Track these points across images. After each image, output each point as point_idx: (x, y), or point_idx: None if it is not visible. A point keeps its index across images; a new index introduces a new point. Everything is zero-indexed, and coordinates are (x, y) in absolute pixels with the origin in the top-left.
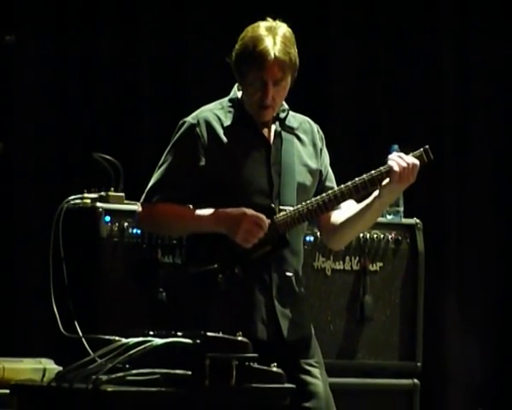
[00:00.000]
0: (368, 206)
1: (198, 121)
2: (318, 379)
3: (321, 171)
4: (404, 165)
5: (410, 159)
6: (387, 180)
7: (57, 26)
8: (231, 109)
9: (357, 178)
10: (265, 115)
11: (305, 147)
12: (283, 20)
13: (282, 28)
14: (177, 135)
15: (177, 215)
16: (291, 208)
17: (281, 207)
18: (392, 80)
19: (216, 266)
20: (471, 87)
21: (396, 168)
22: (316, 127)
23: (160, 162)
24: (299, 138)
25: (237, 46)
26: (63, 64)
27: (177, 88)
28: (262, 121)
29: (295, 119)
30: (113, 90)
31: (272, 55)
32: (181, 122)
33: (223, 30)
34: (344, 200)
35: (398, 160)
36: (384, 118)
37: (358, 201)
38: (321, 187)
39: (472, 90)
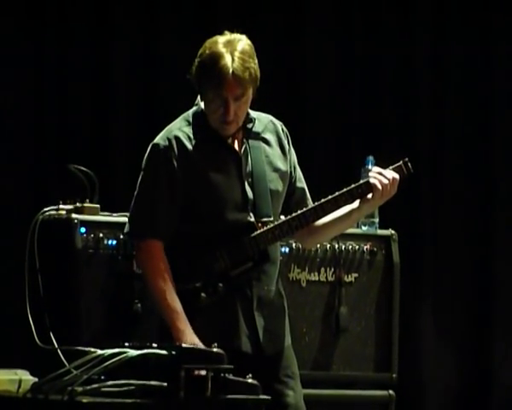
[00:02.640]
0: (346, 215)
1: (169, 142)
2: (293, 391)
3: (291, 172)
4: (386, 182)
5: (390, 173)
6: (369, 195)
7: (32, 36)
8: (197, 124)
9: (337, 192)
10: (229, 130)
11: (272, 149)
12: (260, 26)
13: (241, 42)
14: (151, 160)
15: (162, 298)
16: (270, 220)
17: (259, 220)
18: (367, 86)
19: (198, 284)
20: (448, 95)
21: (379, 186)
22: (279, 125)
23: (137, 192)
24: (266, 141)
25: (196, 62)
26: (38, 75)
27: (152, 99)
28: (225, 135)
29: (260, 121)
30: (88, 102)
31: (231, 73)
32: (152, 145)
33: (199, 38)
34: (324, 214)
35: (379, 177)
36: (360, 127)
37: None
38: (292, 189)
39: (449, 98)
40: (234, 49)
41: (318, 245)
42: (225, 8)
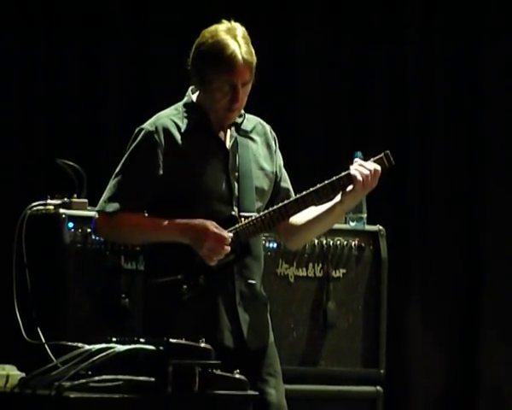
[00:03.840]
0: (329, 210)
1: (156, 128)
2: (275, 389)
3: (276, 172)
4: (367, 173)
5: (372, 165)
6: (350, 187)
7: (22, 29)
8: (187, 114)
9: (318, 185)
10: (233, 118)
11: (259, 149)
12: (248, 24)
13: (239, 29)
14: (135, 143)
15: (137, 225)
16: (253, 215)
17: (241, 214)
18: (356, 85)
19: (180, 276)
20: (435, 92)
21: (359, 177)
22: (268, 128)
23: (118, 170)
24: (253, 141)
25: (197, 52)
26: (27, 69)
27: (141, 94)
28: (227, 124)
29: (249, 121)
30: (76, 96)
31: (241, 58)
32: (138, 129)
33: (188, 36)
34: (306, 206)
35: (360, 169)
36: (348, 123)
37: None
38: (277, 188)
39: (436, 94)
40: (236, 35)
41: None
42: (214, 7)
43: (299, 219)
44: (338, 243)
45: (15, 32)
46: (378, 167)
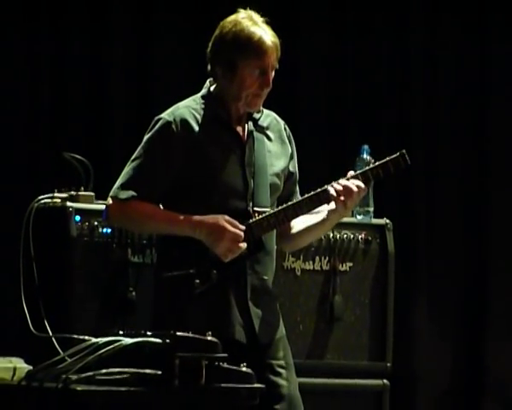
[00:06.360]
0: (319, 223)
1: (174, 119)
2: (288, 381)
3: (291, 172)
4: (344, 192)
5: (354, 183)
6: (332, 205)
7: (28, 25)
8: (205, 106)
9: (334, 182)
10: (259, 104)
11: (274, 146)
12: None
13: (257, 16)
14: (153, 132)
15: (151, 215)
16: (267, 210)
17: (255, 209)
18: (361, 79)
19: (192, 270)
20: (440, 86)
21: (335, 195)
22: (282, 124)
23: (133, 157)
24: (268, 138)
25: (222, 42)
26: (33, 63)
27: (146, 88)
28: (254, 110)
29: (265, 116)
30: (83, 89)
31: (270, 42)
32: (156, 119)
33: (193, 31)
34: (321, 203)
35: (337, 187)
36: (354, 117)
37: None
38: (290, 190)
39: (441, 89)
40: (256, 21)
41: None
42: (219, 7)
43: (295, 225)
44: (345, 236)
45: (22, 29)
46: (362, 185)
